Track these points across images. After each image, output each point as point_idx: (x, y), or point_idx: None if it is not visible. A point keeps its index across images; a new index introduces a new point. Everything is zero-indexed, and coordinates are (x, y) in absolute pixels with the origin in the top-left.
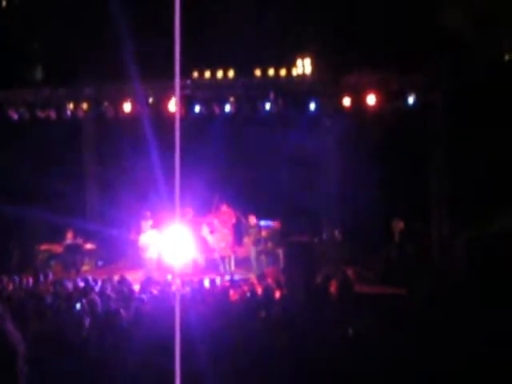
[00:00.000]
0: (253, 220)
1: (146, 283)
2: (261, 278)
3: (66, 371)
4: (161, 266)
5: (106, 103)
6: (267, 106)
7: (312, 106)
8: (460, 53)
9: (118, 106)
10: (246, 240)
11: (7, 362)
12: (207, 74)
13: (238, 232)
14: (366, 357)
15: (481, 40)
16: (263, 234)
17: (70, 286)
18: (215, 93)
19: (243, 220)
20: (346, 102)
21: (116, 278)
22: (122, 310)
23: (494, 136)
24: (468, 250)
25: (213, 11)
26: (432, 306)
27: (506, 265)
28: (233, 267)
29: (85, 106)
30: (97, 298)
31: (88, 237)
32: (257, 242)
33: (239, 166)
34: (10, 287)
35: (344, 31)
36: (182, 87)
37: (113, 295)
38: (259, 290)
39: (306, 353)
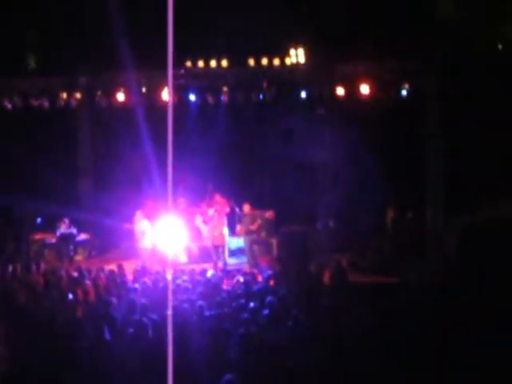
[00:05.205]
0: (247, 208)
1: (140, 273)
2: (256, 267)
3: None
4: (155, 256)
5: (99, 93)
6: (261, 95)
7: (305, 95)
8: (451, 40)
9: (112, 96)
10: (239, 229)
11: None
12: (200, 64)
13: (232, 221)
14: (359, 346)
15: (472, 28)
16: (255, 224)
17: (63, 275)
18: (209, 82)
19: (236, 209)
20: (340, 91)
21: (109, 267)
22: (114, 300)
23: (487, 124)
24: (459, 239)
25: (206, 0)
26: (424, 294)
27: (496, 252)
28: (226, 256)
29: (78, 95)
30: (90, 288)
31: (82, 226)
32: (249, 232)
33: (232, 155)
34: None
35: (337, 21)
36: (176, 77)
37: (106, 285)
38: (252, 280)
39: (299, 341)
